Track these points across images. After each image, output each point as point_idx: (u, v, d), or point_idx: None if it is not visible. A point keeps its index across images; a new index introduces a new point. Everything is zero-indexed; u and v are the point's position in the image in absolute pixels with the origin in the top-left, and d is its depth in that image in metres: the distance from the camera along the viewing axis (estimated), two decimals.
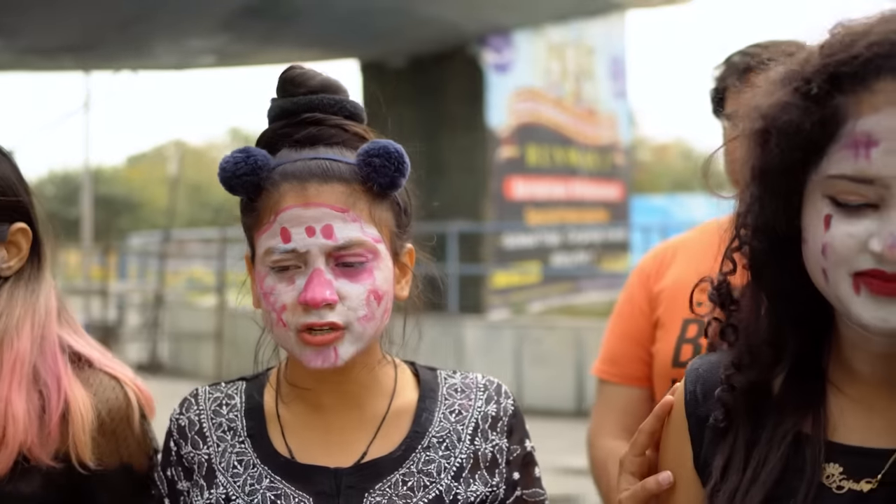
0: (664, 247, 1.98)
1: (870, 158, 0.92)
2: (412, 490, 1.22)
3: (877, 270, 0.93)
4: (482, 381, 1.33)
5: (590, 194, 14.04)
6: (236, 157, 1.20)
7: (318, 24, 9.64)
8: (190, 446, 1.28)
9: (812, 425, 1.01)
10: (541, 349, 9.32)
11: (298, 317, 1.17)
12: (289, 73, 1.27)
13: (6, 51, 10.31)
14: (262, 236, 1.19)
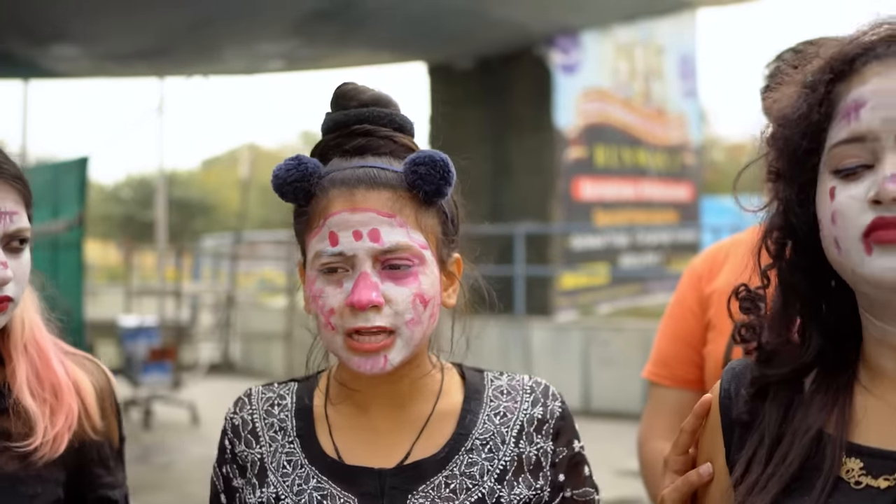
0: (717, 248, 1.95)
1: (859, 118, 0.99)
2: (454, 492, 1.23)
3: (880, 219, 0.96)
4: (529, 383, 1.33)
5: (659, 195, 13.89)
6: (288, 164, 1.24)
7: (387, 28, 9.71)
8: (244, 445, 1.31)
9: (835, 424, 1.01)
10: (608, 351, 9.25)
11: (346, 320, 1.20)
12: (342, 88, 1.31)
13: (84, 58, 10.59)
14: (311, 240, 1.23)
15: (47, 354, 1.47)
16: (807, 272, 1.07)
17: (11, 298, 1.37)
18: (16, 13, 8.17)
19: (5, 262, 1.35)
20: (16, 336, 1.45)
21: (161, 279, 15.05)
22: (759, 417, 1.08)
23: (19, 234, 1.38)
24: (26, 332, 1.46)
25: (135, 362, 8.96)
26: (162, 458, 7.53)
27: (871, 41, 1.02)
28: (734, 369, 1.14)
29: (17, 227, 1.38)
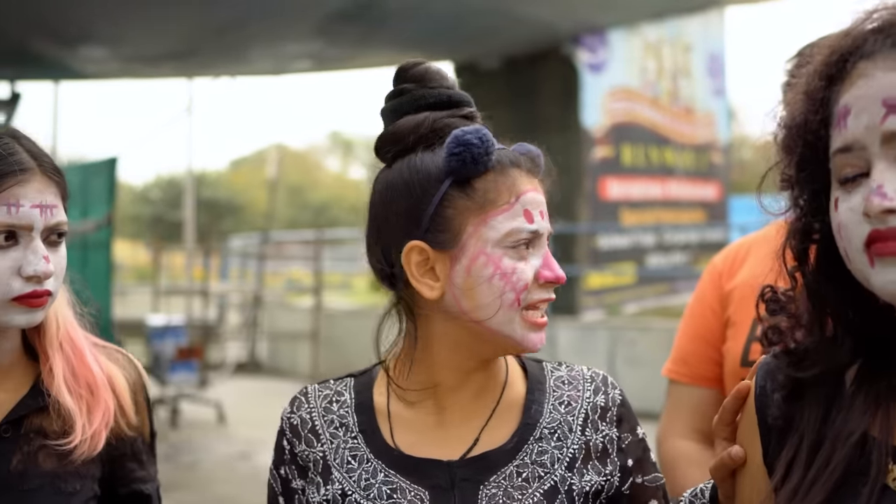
0: (737, 245, 1.93)
1: (847, 127, 0.97)
2: (527, 481, 1.23)
3: (875, 232, 0.94)
4: (588, 373, 1.34)
5: (686, 194, 13.80)
6: (485, 134, 1.21)
7: (412, 27, 9.71)
8: (304, 444, 1.29)
9: (879, 428, 0.97)
10: (635, 351, 9.20)
11: (534, 294, 1.22)
12: (427, 66, 1.31)
13: (112, 59, 10.68)
14: (496, 218, 1.20)
15: (82, 351, 1.47)
16: (832, 278, 1.04)
17: (51, 293, 1.38)
18: (45, 15, 8.25)
19: (48, 256, 1.35)
20: (51, 333, 1.46)
21: (189, 279, 15.16)
22: (797, 418, 1.05)
23: (58, 228, 1.39)
24: (61, 329, 1.46)
25: (162, 361, 9.03)
26: (188, 456, 7.57)
27: (862, 34, 0.98)
28: (768, 365, 1.11)
29: (57, 220, 1.38)
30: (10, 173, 1.34)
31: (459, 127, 1.23)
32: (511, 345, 1.23)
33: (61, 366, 1.43)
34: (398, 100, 1.29)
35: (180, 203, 22.85)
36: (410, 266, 1.22)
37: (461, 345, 1.25)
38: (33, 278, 1.34)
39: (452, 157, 1.20)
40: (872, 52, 0.96)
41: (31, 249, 1.35)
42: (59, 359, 1.44)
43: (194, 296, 12.10)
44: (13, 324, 1.37)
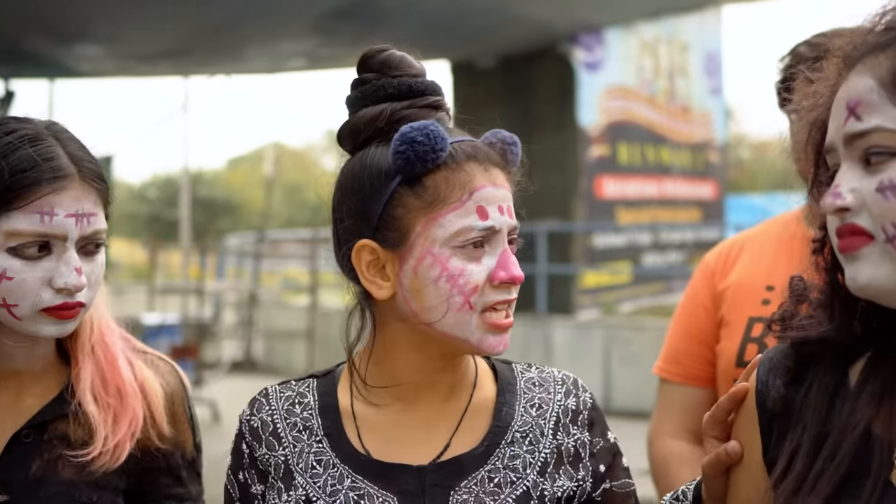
0: (730, 243, 1.91)
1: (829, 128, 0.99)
2: (499, 486, 1.19)
3: (836, 229, 0.96)
4: (559, 375, 1.31)
5: (682, 193, 13.80)
6: (432, 130, 1.15)
7: (408, 26, 9.69)
8: (265, 448, 1.24)
9: (882, 422, 0.97)
10: (630, 350, 9.20)
11: (488, 296, 1.16)
12: (391, 54, 1.24)
13: (108, 57, 10.66)
14: (446, 216, 1.15)
15: (114, 356, 1.42)
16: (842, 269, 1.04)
17: (84, 304, 1.34)
18: (40, 13, 8.23)
19: (80, 268, 1.31)
20: (83, 337, 1.41)
21: (185, 277, 15.14)
22: (799, 407, 1.04)
23: (95, 238, 1.34)
24: (94, 333, 1.42)
25: None
26: None
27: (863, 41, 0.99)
28: (771, 360, 1.10)
29: (95, 228, 1.34)
30: (45, 181, 1.29)
31: (419, 119, 1.18)
32: (467, 348, 1.19)
33: (90, 371, 1.39)
34: (359, 89, 1.23)
35: (177, 202, 22.84)
36: (361, 265, 1.19)
37: (419, 345, 1.21)
38: (63, 290, 1.30)
39: (397, 155, 1.15)
40: (860, 58, 0.98)
41: (64, 260, 1.30)
42: (89, 364, 1.40)
43: (190, 294, 12.08)
44: (42, 334, 1.33)
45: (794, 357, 1.07)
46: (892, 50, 0.95)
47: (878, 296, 0.96)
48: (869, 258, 0.94)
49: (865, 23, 1.00)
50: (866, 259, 0.94)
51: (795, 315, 1.08)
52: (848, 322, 1.04)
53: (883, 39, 0.96)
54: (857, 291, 0.96)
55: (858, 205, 0.94)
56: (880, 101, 0.94)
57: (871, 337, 1.03)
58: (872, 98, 0.94)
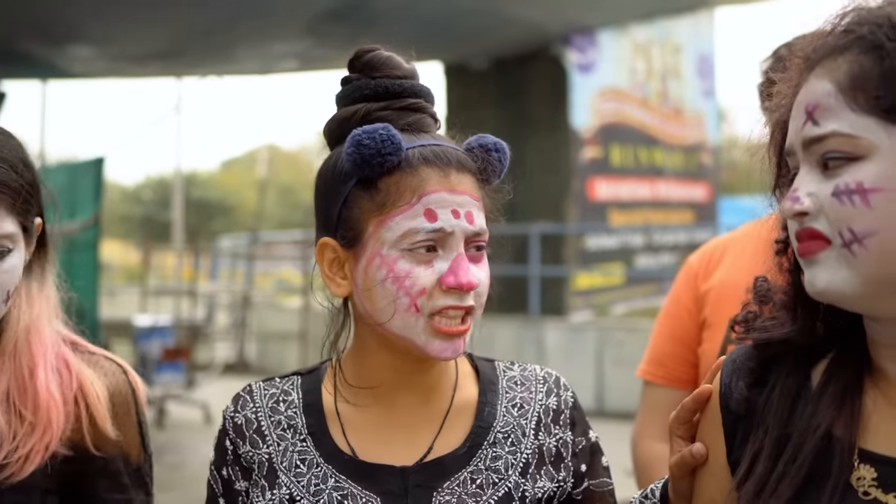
0: (713, 245, 1.91)
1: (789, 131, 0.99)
2: (481, 488, 1.20)
3: (797, 233, 0.97)
4: (541, 374, 1.30)
5: (675, 195, 13.82)
6: (380, 134, 1.15)
7: (401, 28, 9.69)
8: (249, 445, 1.24)
9: (843, 426, 0.97)
10: (623, 351, 9.21)
11: (437, 300, 1.15)
12: (377, 55, 1.24)
13: (100, 58, 10.63)
14: (395, 219, 1.16)
15: (36, 364, 1.35)
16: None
17: None
18: (33, 14, 8.21)
19: None
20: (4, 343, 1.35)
21: (178, 279, 15.11)
22: (762, 409, 1.05)
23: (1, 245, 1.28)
24: (20, 339, 1.36)
25: (148, 362, 8.99)
26: (174, 457, 7.54)
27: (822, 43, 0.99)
28: (735, 361, 1.11)
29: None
30: None
31: (393, 120, 1.19)
32: (416, 350, 1.18)
33: (6, 380, 1.33)
34: (342, 89, 1.25)
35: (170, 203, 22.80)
36: (323, 262, 1.22)
37: (386, 345, 1.22)
38: None
39: (347, 157, 1.16)
40: (821, 58, 0.97)
41: None
42: (4, 372, 1.34)
43: (183, 296, 12.05)
44: None
45: (756, 359, 1.08)
46: (851, 53, 0.95)
47: (837, 300, 0.96)
48: (826, 263, 0.94)
49: (826, 24, 1.00)
50: (824, 264, 0.94)
51: (759, 316, 1.08)
52: (810, 323, 1.04)
53: (841, 42, 0.96)
54: (816, 295, 0.96)
55: (816, 209, 0.94)
56: (837, 105, 0.94)
57: (833, 338, 1.04)
58: (830, 102, 0.94)
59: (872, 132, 0.91)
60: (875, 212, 0.90)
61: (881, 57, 0.92)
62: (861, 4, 0.98)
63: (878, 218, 0.90)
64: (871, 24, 0.94)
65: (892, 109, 0.91)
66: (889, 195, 0.90)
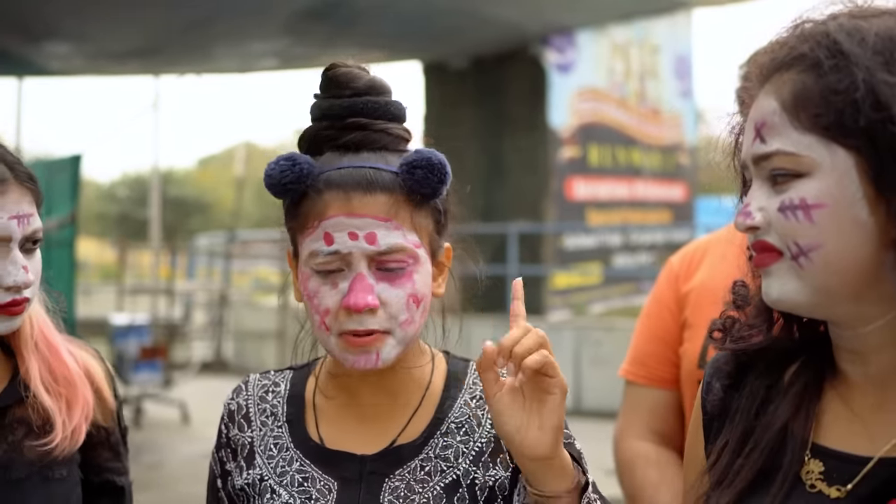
0: (694, 245, 1.93)
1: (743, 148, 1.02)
2: (429, 474, 1.24)
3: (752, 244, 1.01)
4: None
5: (653, 195, 13.89)
6: (282, 164, 1.22)
7: (380, 27, 9.69)
8: (236, 429, 1.35)
9: (799, 421, 1.02)
10: (601, 351, 9.25)
11: (341, 322, 1.20)
12: (335, 72, 1.28)
13: (77, 56, 10.56)
14: (305, 240, 1.23)
15: (58, 348, 1.50)
16: None
17: (29, 299, 1.41)
18: (9, 10, 8.14)
19: (27, 266, 1.39)
20: (26, 334, 1.48)
21: (155, 277, 15.03)
22: (734, 408, 1.09)
23: (35, 236, 1.42)
24: (35, 329, 1.49)
25: (125, 361, 8.94)
26: (151, 456, 7.50)
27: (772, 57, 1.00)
28: (717, 361, 1.15)
29: (34, 228, 1.41)
30: None
31: (336, 138, 1.25)
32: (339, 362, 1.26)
33: (37, 366, 1.47)
34: (310, 107, 1.31)
35: (147, 201, 22.66)
36: (293, 269, 1.31)
37: None
38: (13, 288, 1.38)
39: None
40: (770, 73, 1.00)
41: (11, 260, 1.38)
42: (34, 359, 1.47)
43: (160, 295, 11.99)
44: None
45: (734, 363, 1.12)
46: (794, 71, 0.97)
47: (791, 308, 1.00)
48: (778, 274, 0.98)
49: (779, 36, 1.01)
50: (776, 275, 0.98)
51: (736, 322, 1.12)
52: (787, 326, 1.08)
53: (789, 58, 0.97)
54: (772, 304, 1.00)
55: (766, 223, 0.98)
56: (781, 123, 0.96)
57: (809, 341, 1.08)
58: (775, 120, 0.97)
59: (814, 150, 0.94)
60: (818, 227, 0.94)
61: (819, 76, 0.94)
62: (808, 17, 1.00)
63: (821, 233, 0.94)
64: (813, 41, 0.96)
65: (831, 127, 0.93)
66: (831, 210, 0.93)
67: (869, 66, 0.91)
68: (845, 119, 0.92)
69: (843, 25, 0.95)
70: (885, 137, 0.90)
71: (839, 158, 0.93)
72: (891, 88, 0.90)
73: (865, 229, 0.93)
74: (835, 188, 0.93)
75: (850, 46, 0.93)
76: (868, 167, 0.92)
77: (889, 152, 0.91)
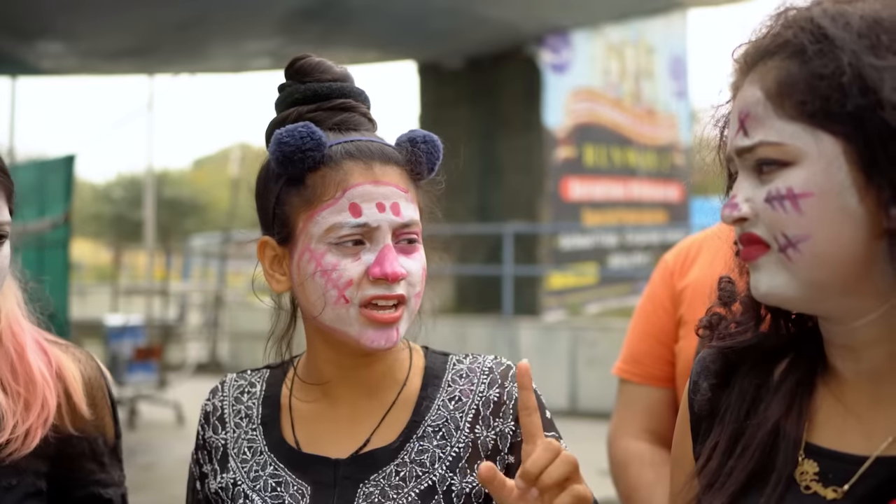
0: (689, 242, 1.91)
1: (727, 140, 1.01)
2: (404, 480, 1.22)
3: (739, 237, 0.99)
4: (489, 365, 1.30)
5: (648, 195, 13.89)
6: (300, 131, 1.19)
7: (375, 26, 9.68)
8: (211, 431, 1.33)
9: (791, 421, 0.99)
10: (596, 351, 9.25)
11: (365, 290, 1.18)
12: (308, 61, 1.29)
13: (71, 55, 10.53)
14: (320, 213, 1.19)
15: (23, 346, 1.42)
16: None
17: None
18: (2, 10, 8.11)
19: None
20: None
21: (150, 278, 15.00)
22: (723, 407, 1.06)
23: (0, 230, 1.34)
24: (2, 322, 1.42)
25: (119, 362, 8.91)
26: (146, 457, 7.48)
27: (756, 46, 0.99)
28: (703, 360, 1.12)
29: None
30: None
31: (323, 120, 1.24)
32: (351, 342, 1.21)
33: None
34: (279, 95, 1.30)
35: (142, 202, 22.63)
36: (264, 260, 1.28)
37: (326, 340, 1.26)
38: None
39: (272, 157, 1.21)
40: (754, 62, 0.98)
41: None
42: None
43: (155, 295, 11.96)
44: None
45: (721, 361, 1.09)
46: (778, 58, 0.95)
47: (780, 303, 0.97)
48: (766, 267, 0.95)
49: (762, 25, 0.99)
50: (764, 268, 0.96)
51: (723, 319, 1.09)
52: (775, 322, 1.05)
53: (773, 45, 0.96)
54: (760, 298, 0.98)
55: (754, 215, 0.95)
56: (766, 114, 0.94)
57: (799, 337, 1.05)
58: (759, 111, 0.95)
59: (799, 138, 0.92)
60: (806, 217, 0.91)
61: (804, 62, 0.92)
62: (791, 4, 0.97)
63: (809, 222, 0.91)
64: (796, 27, 0.94)
65: (817, 114, 0.91)
66: (819, 200, 0.91)
67: (855, 50, 0.89)
68: (831, 105, 0.90)
69: (828, 10, 0.93)
70: (873, 122, 0.88)
71: (826, 146, 0.91)
72: (878, 72, 0.88)
73: (855, 218, 0.90)
74: (822, 177, 0.91)
75: (835, 30, 0.91)
76: (856, 154, 0.90)
77: (878, 138, 0.88)
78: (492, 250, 10.45)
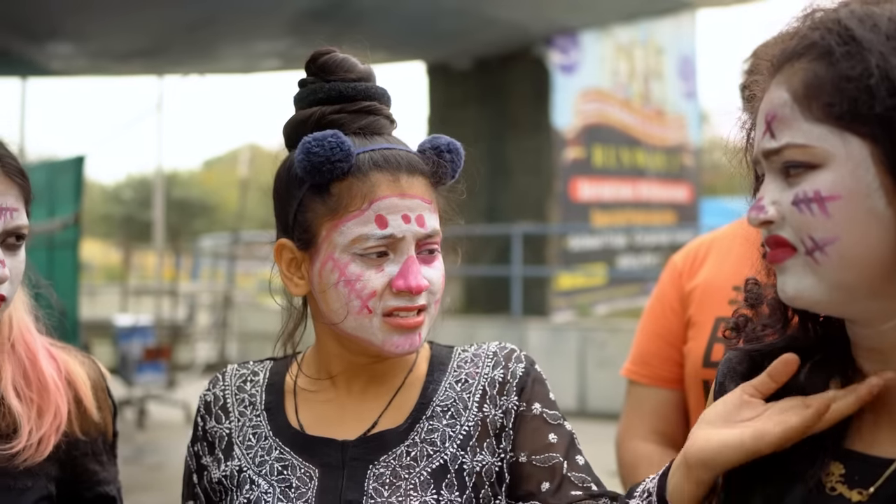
0: (697, 243, 1.90)
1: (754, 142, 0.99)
2: (415, 460, 1.22)
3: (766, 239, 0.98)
4: (493, 349, 1.31)
5: (657, 196, 13.87)
6: (330, 141, 1.17)
7: (384, 27, 9.68)
8: (214, 421, 1.32)
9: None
10: (605, 352, 9.23)
11: (388, 301, 1.19)
12: (333, 57, 1.26)
13: (80, 56, 10.57)
14: (346, 223, 1.18)
15: (36, 354, 1.43)
16: None
17: (5, 297, 1.34)
18: (12, 10, 8.15)
19: (3, 261, 1.31)
20: (3, 336, 1.42)
21: (159, 279, 15.04)
22: None
23: (18, 231, 1.35)
24: (14, 331, 1.43)
25: (129, 362, 8.93)
26: (155, 457, 7.50)
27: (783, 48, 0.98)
28: (730, 361, 1.11)
29: (17, 223, 1.35)
30: None
31: (347, 123, 1.22)
32: (372, 350, 1.22)
33: (11, 369, 1.40)
34: (300, 91, 1.28)
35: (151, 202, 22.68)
36: (281, 262, 1.26)
37: (341, 341, 1.26)
38: None
39: (298, 164, 1.19)
40: (781, 63, 0.97)
41: None
42: (9, 363, 1.41)
43: (164, 296, 11.99)
44: None
45: (748, 363, 1.08)
46: (805, 60, 0.94)
47: (808, 306, 0.97)
48: (793, 270, 0.95)
49: (789, 26, 0.99)
50: (791, 271, 0.95)
51: (750, 321, 1.09)
52: (803, 324, 1.05)
53: (800, 47, 0.95)
54: (788, 301, 0.97)
55: (780, 217, 0.95)
56: (793, 115, 0.93)
57: (826, 340, 1.04)
58: (786, 113, 0.94)
59: (827, 141, 0.91)
60: (833, 219, 0.91)
61: (831, 63, 0.91)
62: (819, 5, 0.97)
63: (837, 225, 0.91)
64: (823, 28, 0.93)
65: (844, 116, 0.90)
66: (846, 203, 0.90)
67: (883, 52, 0.89)
68: (859, 107, 0.89)
69: (855, 12, 0.93)
70: None
71: (853, 148, 0.90)
72: None
73: (883, 221, 0.89)
74: (849, 179, 0.90)
75: (863, 32, 0.90)
76: (884, 156, 0.89)
77: None
78: (500, 251, 10.45)
